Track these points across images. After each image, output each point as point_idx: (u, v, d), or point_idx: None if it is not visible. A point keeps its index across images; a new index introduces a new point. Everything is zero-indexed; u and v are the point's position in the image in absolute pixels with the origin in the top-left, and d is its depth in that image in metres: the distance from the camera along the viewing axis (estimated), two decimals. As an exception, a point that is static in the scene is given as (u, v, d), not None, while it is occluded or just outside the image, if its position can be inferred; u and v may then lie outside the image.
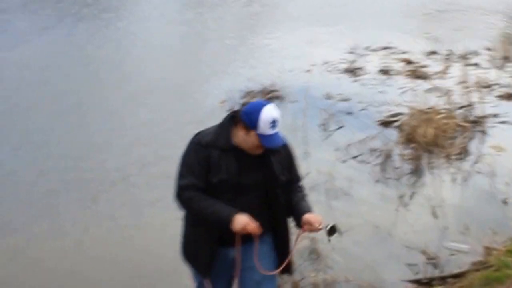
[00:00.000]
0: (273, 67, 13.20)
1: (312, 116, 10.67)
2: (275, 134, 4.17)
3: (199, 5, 17.40)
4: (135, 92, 11.95)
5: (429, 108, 10.45)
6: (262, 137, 4.14)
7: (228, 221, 4.14)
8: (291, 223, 4.53)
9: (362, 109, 11.31)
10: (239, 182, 4.23)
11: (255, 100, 8.21)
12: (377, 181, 8.85)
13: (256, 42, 15.53)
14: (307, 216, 4.28)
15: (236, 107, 10.74)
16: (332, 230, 4.27)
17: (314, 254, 6.85)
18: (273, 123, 4.12)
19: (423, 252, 6.96)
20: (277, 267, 4.50)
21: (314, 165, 8.53)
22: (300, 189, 4.52)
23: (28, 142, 9.77)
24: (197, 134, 4.37)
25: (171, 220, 5.70)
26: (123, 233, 7.41)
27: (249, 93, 11.69)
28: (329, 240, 4.26)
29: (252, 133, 4.15)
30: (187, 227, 4.52)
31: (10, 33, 14.85)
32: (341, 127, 10.58)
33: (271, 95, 11.65)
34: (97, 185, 8.49)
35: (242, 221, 4.13)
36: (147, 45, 14.72)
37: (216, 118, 4.65)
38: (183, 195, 4.25)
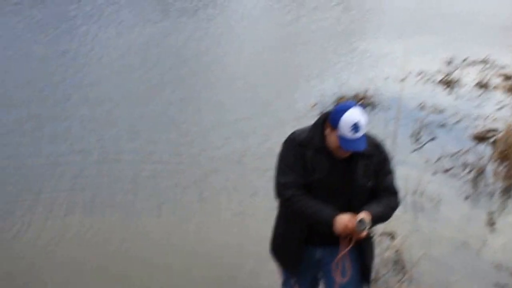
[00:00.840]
0: (368, 73, 13.06)
1: (404, 125, 10.44)
2: (357, 139, 4.03)
3: (299, 7, 17.38)
4: (240, 88, 12.02)
5: (527, 126, 10.06)
6: (341, 139, 4.04)
7: (330, 222, 4.08)
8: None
9: (456, 122, 11.00)
10: (329, 184, 4.17)
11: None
12: (468, 196, 8.56)
13: (354, 47, 15.38)
14: (361, 213, 4.11)
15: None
16: (361, 223, 4.05)
17: (398, 265, 6.68)
18: (355, 127, 3.99)
19: (513, 274, 6.68)
20: (360, 275, 4.40)
21: (403, 175, 8.29)
22: (386, 197, 4.29)
23: (136, 129, 10.10)
24: (293, 133, 4.33)
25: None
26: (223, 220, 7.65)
27: (341, 98, 11.57)
28: (360, 230, 4.03)
29: (334, 132, 4.08)
30: (278, 223, 4.52)
31: (118, 23, 15.15)
32: (433, 139, 10.31)
33: (363, 101, 11.49)
34: (195, 172, 8.75)
35: (343, 220, 4.06)
36: (248, 43, 14.80)
37: (302, 122, 4.60)
38: (284, 193, 4.20)
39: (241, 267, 6.62)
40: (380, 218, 4.21)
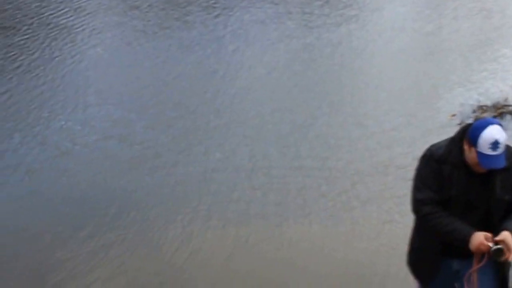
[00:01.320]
0: (507, 82, 12.66)
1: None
2: (496, 156, 4.01)
3: (440, 17, 17.10)
4: (384, 99, 12.17)
5: None
6: (480, 155, 4.03)
7: (466, 241, 4.11)
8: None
9: None
10: (466, 200, 4.18)
11: (486, 116, 7.99)
12: None
13: (496, 56, 14.93)
14: (503, 233, 4.10)
15: (466, 121, 10.58)
16: (497, 253, 4.01)
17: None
18: (494, 145, 3.98)
19: None
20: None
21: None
22: None
23: (285, 143, 10.46)
24: (429, 149, 4.36)
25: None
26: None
27: (480, 107, 11.35)
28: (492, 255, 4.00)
29: (473, 150, 4.06)
30: (414, 234, 4.59)
31: (264, 41, 15.56)
32: None
33: (503, 110, 11.21)
34: (342, 183, 9.07)
35: (478, 241, 4.07)
36: (391, 55, 14.78)
37: (446, 131, 4.61)
38: (421, 210, 4.26)
39: (392, 274, 6.77)
40: None
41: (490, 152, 4.00)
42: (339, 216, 8.20)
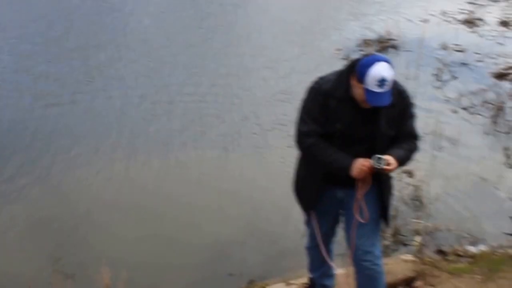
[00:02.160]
0: (391, 16, 12.90)
1: (426, 65, 10.37)
2: (382, 93, 3.95)
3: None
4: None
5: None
6: (367, 92, 3.95)
7: (348, 169, 4.11)
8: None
9: (478, 61, 10.91)
10: (351, 133, 4.15)
11: (372, 52, 8.13)
12: (487, 133, 8.57)
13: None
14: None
15: (351, 55, 10.73)
16: (378, 159, 4.09)
17: (417, 201, 6.77)
18: (381, 82, 3.90)
19: (529, 208, 6.73)
20: (378, 214, 4.46)
21: (424, 114, 8.29)
22: (407, 141, 4.26)
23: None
24: (317, 82, 4.25)
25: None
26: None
27: (365, 42, 11.52)
28: (379, 166, 4.09)
29: (361, 86, 3.98)
30: (298, 164, 4.54)
31: None
32: (454, 77, 10.26)
33: (386, 44, 11.43)
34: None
35: (359, 163, 4.09)
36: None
37: (330, 65, 4.61)
38: (304, 141, 4.21)
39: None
40: (401, 161, 4.18)
41: (376, 89, 3.91)
42: (240, 142, 8.26)
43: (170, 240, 6.20)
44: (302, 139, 4.22)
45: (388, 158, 4.06)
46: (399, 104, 4.14)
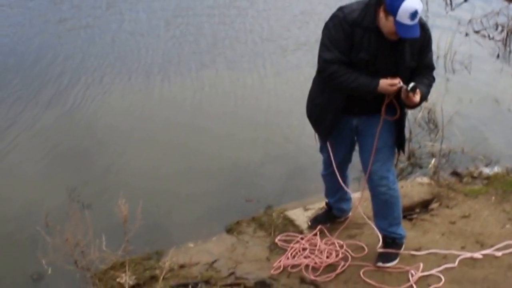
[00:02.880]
0: None
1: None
2: (413, 25, 3.92)
3: None
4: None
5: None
6: (399, 25, 3.90)
7: (375, 88, 4.08)
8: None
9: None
10: (375, 64, 4.11)
11: None
12: (499, 56, 8.41)
13: None
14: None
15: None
16: (412, 89, 4.05)
17: (431, 124, 6.68)
18: (414, 14, 3.86)
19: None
20: (396, 143, 4.45)
21: (436, 38, 8.06)
22: (427, 75, 4.28)
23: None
24: (342, 9, 4.15)
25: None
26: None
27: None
28: (408, 91, 4.04)
29: (391, 18, 3.92)
30: (315, 91, 4.48)
31: None
32: (466, 0, 10.03)
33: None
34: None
35: (385, 83, 4.07)
36: None
37: None
38: (328, 68, 4.14)
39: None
40: (424, 98, 4.22)
41: (408, 22, 3.88)
42: (260, 62, 8.28)
43: (186, 168, 6.14)
44: (326, 66, 4.16)
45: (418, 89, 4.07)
46: (421, 37, 4.08)
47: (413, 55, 4.16)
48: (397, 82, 4.06)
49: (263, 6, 9.90)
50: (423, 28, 4.11)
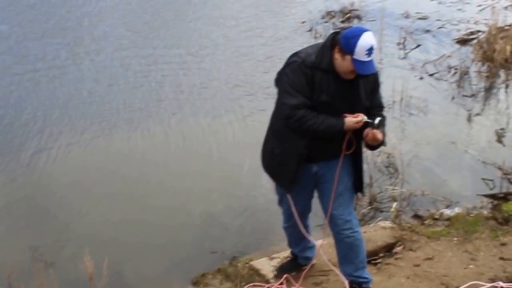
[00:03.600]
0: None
1: (390, 34, 10.42)
2: (370, 61, 4.00)
3: None
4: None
5: (507, 26, 10.00)
6: (356, 63, 3.99)
7: (342, 127, 4.15)
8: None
9: (440, 27, 10.91)
10: (335, 105, 4.15)
11: (353, 25, 8.20)
12: (453, 98, 8.61)
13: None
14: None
15: (317, 27, 10.69)
16: (380, 122, 4.14)
17: (391, 168, 6.77)
18: (370, 50, 3.96)
19: (500, 168, 6.70)
20: (354, 185, 4.49)
21: (391, 82, 8.24)
22: (378, 113, 4.32)
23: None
24: (297, 54, 4.23)
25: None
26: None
27: (328, 13, 11.47)
28: (375, 126, 4.10)
29: (348, 57, 4.00)
30: (272, 142, 4.46)
31: None
32: (418, 45, 10.28)
33: (350, 15, 11.40)
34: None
35: (351, 120, 4.13)
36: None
37: (297, 37, 4.55)
38: (296, 114, 4.14)
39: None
40: (384, 135, 4.25)
41: (365, 58, 3.98)
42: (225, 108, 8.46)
43: (149, 222, 6.08)
44: (293, 112, 4.16)
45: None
46: (372, 76, 4.20)
47: (367, 94, 4.24)
48: (361, 118, 4.13)
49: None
50: None
